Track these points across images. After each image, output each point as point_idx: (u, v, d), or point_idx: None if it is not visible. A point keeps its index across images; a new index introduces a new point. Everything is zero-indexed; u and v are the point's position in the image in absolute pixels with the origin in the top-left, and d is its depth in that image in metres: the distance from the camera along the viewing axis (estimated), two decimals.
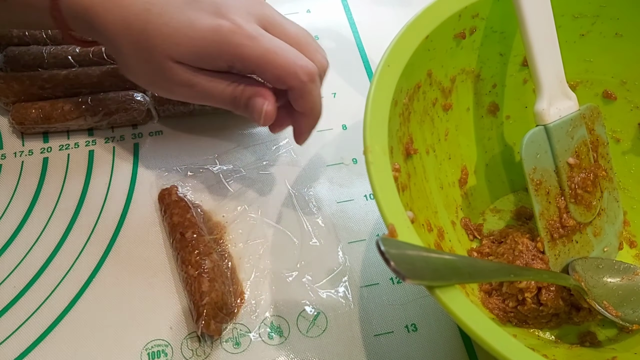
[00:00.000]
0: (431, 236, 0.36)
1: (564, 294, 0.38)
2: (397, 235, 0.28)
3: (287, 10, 0.58)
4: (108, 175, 0.46)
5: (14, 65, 0.50)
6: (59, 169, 0.47)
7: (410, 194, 0.35)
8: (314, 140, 0.49)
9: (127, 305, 0.40)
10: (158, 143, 0.49)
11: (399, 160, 0.34)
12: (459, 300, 0.26)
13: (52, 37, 0.52)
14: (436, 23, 0.36)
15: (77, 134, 0.49)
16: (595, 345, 0.38)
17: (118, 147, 0.48)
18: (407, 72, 0.34)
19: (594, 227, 0.40)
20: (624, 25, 0.40)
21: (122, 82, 0.49)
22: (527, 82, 0.43)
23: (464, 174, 0.43)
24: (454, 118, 0.41)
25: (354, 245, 0.43)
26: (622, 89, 0.43)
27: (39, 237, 0.43)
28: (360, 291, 0.41)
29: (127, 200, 0.45)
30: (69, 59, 0.50)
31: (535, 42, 0.37)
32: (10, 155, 0.47)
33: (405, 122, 0.35)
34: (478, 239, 0.42)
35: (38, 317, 0.40)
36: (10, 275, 0.41)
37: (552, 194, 0.38)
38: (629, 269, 0.39)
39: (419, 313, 0.40)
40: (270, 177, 0.47)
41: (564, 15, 0.40)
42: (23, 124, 0.47)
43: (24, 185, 0.46)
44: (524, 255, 0.38)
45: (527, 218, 0.44)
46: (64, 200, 0.45)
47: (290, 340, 0.39)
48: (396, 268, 0.25)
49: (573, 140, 0.39)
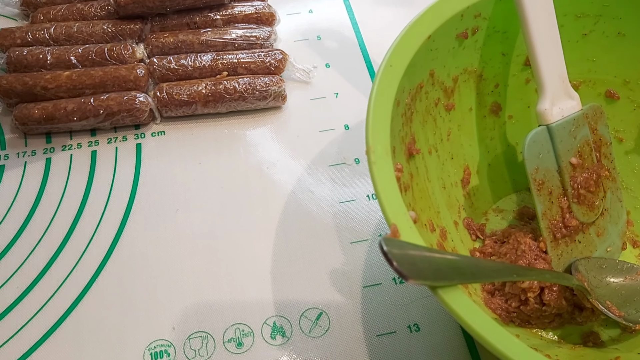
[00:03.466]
0: (434, 236, 0.36)
1: (567, 294, 0.37)
2: (400, 235, 0.28)
3: (290, 10, 0.58)
4: (111, 175, 0.47)
5: (17, 65, 0.50)
6: (62, 170, 0.47)
7: (412, 194, 0.34)
8: (316, 141, 0.49)
9: (129, 306, 0.40)
10: (161, 144, 0.49)
11: (401, 160, 0.34)
12: (461, 301, 0.26)
13: (54, 38, 0.52)
14: (438, 23, 0.36)
15: (79, 135, 0.49)
16: (598, 345, 0.38)
17: (121, 147, 0.48)
18: (409, 72, 0.34)
19: (596, 227, 0.40)
20: (627, 25, 0.40)
21: (125, 83, 0.49)
22: (530, 82, 0.43)
23: (467, 174, 0.42)
24: (456, 118, 0.41)
25: (356, 246, 0.43)
26: (625, 89, 0.43)
27: (41, 238, 0.43)
28: (362, 291, 0.41)
29: (130, 201, 0.45)
30: (72, 60, 0.50)
31: (538, 42, 0.37)
32: (13, 156, 0.48)
33: (408, 122, 0.35)
34: (481, 239, 0.42)
35: (41, 317, 0.40)
36: (13, 275, 0.41)
37: (554, 194, 0.38)
38: (632, 268, 0.39)
39: (421, 313, 0.40)
40: (272, 177, 0.47)
41: (567, 14, 0.40)
42: (26, 125, 0.47)
43: (27, 185, 0.46)
44: (526, 255, 0.38)
45: (530, 218, 0.44)
46: (66, 201, 0.45)
47: (293, 341, 0.39)
48: (399, 268, 0.25)
49: (576, 140, 0.38)
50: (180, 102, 0.48)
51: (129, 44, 0.51)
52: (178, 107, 0.49)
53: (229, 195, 0.46)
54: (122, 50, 0.50)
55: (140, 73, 0.49)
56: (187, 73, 0.50)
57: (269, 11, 0.54)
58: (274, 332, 0.39)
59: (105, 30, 0.52)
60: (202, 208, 0.45)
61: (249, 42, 0.52)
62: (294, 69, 0.52)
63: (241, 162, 0.48)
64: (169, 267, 0.42)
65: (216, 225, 0.44)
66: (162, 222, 0.44)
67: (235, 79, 0.49)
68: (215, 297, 0.41)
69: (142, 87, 0.49)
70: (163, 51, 0.52)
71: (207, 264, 0.42)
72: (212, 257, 0.43)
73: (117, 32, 0.52)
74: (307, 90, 0.53)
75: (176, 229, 0.44)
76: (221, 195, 0.46)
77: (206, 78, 0.50)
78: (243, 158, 0.48)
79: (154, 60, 0.50)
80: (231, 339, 0.39)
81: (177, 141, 0.49)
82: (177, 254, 0.43)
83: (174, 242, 0.43)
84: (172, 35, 0.52)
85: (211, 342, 0.39)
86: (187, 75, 0.50)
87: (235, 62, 0.50)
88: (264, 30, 0.53)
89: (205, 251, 0.43)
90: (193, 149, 0.48)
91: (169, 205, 0.45)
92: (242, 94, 0.49)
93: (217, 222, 0.44)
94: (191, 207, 0.45)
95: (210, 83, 0.49)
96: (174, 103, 0.48)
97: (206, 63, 0.50)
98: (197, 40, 0.52)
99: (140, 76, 0.49)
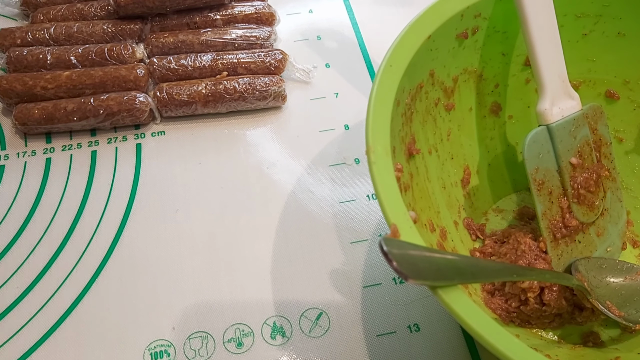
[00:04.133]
0: (434, 236, 0.36)
1: (567, 294, 0.37)
2: (400, 235, 0.28)
3: (290, 10, 0.58)
4: (111, 175, 0.47)
5: (16, 66, 0.50)
6: (62, 170, 0.47)
7: (412, 194, 0.34)
8: (316, 141, 0.49)
9: (129, 305, 0.40)
10: (161, 144, 0.49)
11: (401, 160, 0.34)
12: (461, 301, 0.26)
13: (54, 38, 0.52)
14: (438, 23, 0.36)
15: (79, 135, 0.49)
16: (598, 345, 0.38)
17: (121, 147, 0.48)
18: (409, 72, 0.34)
19: (596, 227, 0.40)
20: (627, 25, 0.40)
21: (125, 83, 0.49)
22: (530, 81, 0.43)
23: (467, 174, 0.42)
24: (456, 118, 0.41)
25: (356, 246, 0.43)
26: (625, 89, 0.43)
27: (41, 238, 0.43)
28: (362, 291, 0.41)
29: (130, 201, 0.45)
30: (72, 60, 0.50)
31: (538, 42, 0.37)
32: (13, 156, 0.48)
33: (408, 122, 0.35)
34: (481, 239, 0.42)
35: (41, 317, 0.40)
36: (13, 275, 0.41)
37: (554, 194, 0.38)
38: (632, 268, 0.39)
39: (421, 313, 0.40)
40: (272, 177, 0.47)
41: (567, 14, 0.40)
42: (26, 125, 0.47)
43: (27, 185, 0.46)
44: (526, 255, 0.38)
45: (530, 218, 0.44)
46: (66, 201, 0.45)
47: (293, 341, 0.39)
48: (399, 268, 0.25)
49: (576, 140, 0.38)
50: (180, 102, 0.48)
51: (129, 44, 0.51)
52: (178, 107, 0.49)
53: (229, 195, 0.46)
54: (122, 50, 0.50)
55: (140, 73, 0.49)
56: (187, 73, 0.50)
57: (269, 11, 0.54)
58: (274, 332, 0.39)
59: (105, 30, 0.52)
60: (202, 208, 0.45)
61: (249, 42, 0.52)
62: (294, 69, 0.52)
63: (241, 162, 0.48)
64: (169, 267, 0.42)
65: (216, 225, 0.44)
66: (162, 222, 0.44)
67: (235, 79, 0.49)
68: (215, 297, 0.41)
69: (142, 87, 0.49)
70: (163, 51, 0.52)
71: (207, 264, 0.42)
72: (212, 257, 0.43)
73: (117, 32, 0.52)
74: (307, 90, 0.53)
75: (176, 229, 0.44)
76: (221, 195, 0.46)
77: (206, 78, 0.50)
78: (243, 158, 0.48)
79: (154, 60, 0.50)
80: (231, 339, 0.39)
81: (177, 141, 0.49)
82: (177, 254, 0.43)
83: (174, 242, 0.43)
84: (172, 35, 0.52)
85: (211, 342, 0.39)
86: (187, 75, 0.50)
87: (235, 62, 0.50)
88: (264, 30, 0.53)
89: (205, 251, 0.43)
90: (193, 149, 0.48)
91: (169, 205, 0.45)
92: (242, 94, 0.49)
93: (217, 222, 0.44)
94: (191, 207, 0.45)
95: (210, 83, 0.49)
96: (174, 103, 0.48)
97: (206, 63, 0.50)
98: (197, 40, 0.52)
99: (140, 76, 0.49)
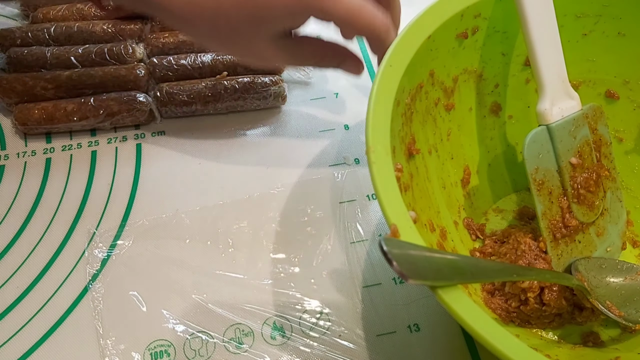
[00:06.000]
0: (434, 236, 0.36)
1: (567, 294, 0.37)
2: (400, 235, 0.28)
3: None
4: (111, 175, 0.47)
5: (17, 66, 0.50)
6: (62, 170, 0.47)
7: (412, 194, 0.34)
8: (316, 141, 0.49)
9: (130, 305, 0.40)
10: (161, 144, 0.49)
11: (401, 160, 0.34)
12: (461, 300, 0.26)
13: (55, 38, 0.52)
14: (438, 23, 0.36)
15: (79, 135, 0.49)
16: (598, 345, 0.38)
17: (121, 147, 0.48)
18: (409, 72, 0.34)
19: (596, 227, 0.40)
20: (627, 25, 0.40)
21: (125, 83, 0.49)
22: (530, 81, 0.43)
23: (467, 174, 0.42)
24: (456, 118, 0.41)
25: (356, 246, 0.43)
26: (625, 89, 0.43)
27: (41, 238, 0.43)
28: (362, 291, 0.41)
29: (130, 201, 0.45)
30: (72, 60, 0.50)
31: (538, 42, 0.37)
32: (13, 156, 0.48)
33: (408, 122, 0.35)
34: (480, 239, 0.42)
35: (41, 317, 0.40)
36: (13, 275, 0.41)
37: (554, 193, 0.38)
38: (632, 268, 0.39)
39: (421, 313, 0.40)
40: (272, 177, 0.47)
41: (567, 14, 0.40)
42: (26, 125, 0.47)
43: (27, 185, 0.46)
44: (526, 255, 0.38)
45: (530, 218, 0.44)
46: (66, 201, 0.45)
47: (293, 340, 0.39)
48: (399, 268, 0.25)
49: (576, 140, 0.38)
50: (180, 102, 0.48)
51: (129, 44, 0.51)
52: (178, 107, 0.49)
53: (229, 195, 0.46)
54: (122, 50, 0.50)
55: (140, 73, 0.49)
56: (187, 73, 0.50)
57: None
58: (274, 332, 0.39)
59: (105, 30, 0.52)
60: (202, 208, 0.45)
61: None
62: (294, 69, 0.52)
63: (241, 162, 0.48)
64: (169, 266, 0.42)
65: (216, 225, 0.44)
66: (162, 222, 0.44)
67: (235, 78, 0.49)
68: (215, 297, 0.41)
69: (142, 87, 0.49)
70: (163, 51, 0.52)
71: (207, 263, 0.42)
72: (212, 257, 0.43)
73: (117, 32, 0.52)
74: (307, 90, 0.53)
75: (176, 229, 0.44)
76: (221, 195, 0.46)
77: (206, 78, 0.50)
78: (243, 158, 0.48)
79: (154, 60, 0.50)
80: (231, 339, 0.39)
81: (177, 141, 0.49)
82: (177, 254, 0.43)
83: (174, 242, 0.43)
84: (172, 35, 0.52)
85: (211, 342, 0.39)
86: (187, 75, 0.50)
87: (235, 62, 0.51)
88: None
89: (205, 251, 0.43)
90: (193, 149, 0.49)
91: (169, 205, 0.45)
92: (242, 94, 0.49)
93: (217, 222, 0.44)
94: (191, 207, 0.45)
95: (210, 83, 0.49)
96: (174, 103, 0.48)
97: (206, 63, 0.50)
98: None
99: (140, 76, 0.49)
